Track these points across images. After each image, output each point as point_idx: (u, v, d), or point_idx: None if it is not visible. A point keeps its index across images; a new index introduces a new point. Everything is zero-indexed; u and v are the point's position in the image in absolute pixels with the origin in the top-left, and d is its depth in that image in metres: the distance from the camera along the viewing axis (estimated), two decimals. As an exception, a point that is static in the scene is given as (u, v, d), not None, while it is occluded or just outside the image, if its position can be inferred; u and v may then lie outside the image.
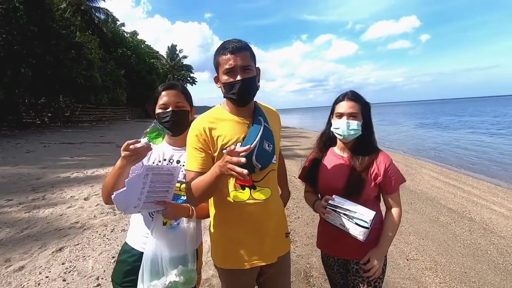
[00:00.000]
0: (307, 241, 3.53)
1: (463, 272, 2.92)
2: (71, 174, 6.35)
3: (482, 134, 17.41)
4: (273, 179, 1.34)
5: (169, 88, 1.39)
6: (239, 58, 1.18)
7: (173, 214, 1.26)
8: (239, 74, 1.19)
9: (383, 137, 17.56)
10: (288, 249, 1.41)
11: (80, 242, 3.34)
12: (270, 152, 1.27)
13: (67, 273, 2.73)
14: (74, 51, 16.70)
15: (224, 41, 1.24)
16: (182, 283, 1.22)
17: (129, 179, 1.12)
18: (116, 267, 1.38)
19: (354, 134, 1.43)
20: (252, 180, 1.26)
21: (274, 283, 1.38)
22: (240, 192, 1.26)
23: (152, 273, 1.19)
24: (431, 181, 6.69)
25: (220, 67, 1.22)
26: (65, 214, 4.14)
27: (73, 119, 19.64)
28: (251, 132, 1.25)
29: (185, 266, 1.25)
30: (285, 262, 1.41)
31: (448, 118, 33.78)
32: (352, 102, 1.44)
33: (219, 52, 1.22)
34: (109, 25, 27.79)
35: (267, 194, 1.28)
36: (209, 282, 2.66)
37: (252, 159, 1.20)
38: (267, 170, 1.28)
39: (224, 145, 1.22)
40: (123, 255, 1.37)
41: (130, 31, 36.20)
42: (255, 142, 1.21)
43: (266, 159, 1.25)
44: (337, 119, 1.46)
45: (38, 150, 9.08)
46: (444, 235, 3.76)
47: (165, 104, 1.36)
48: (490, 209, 4.82)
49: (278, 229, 1.35)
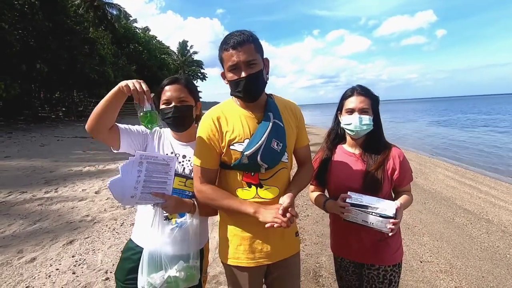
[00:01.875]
0: (316, 240, 3.46)
1: (480, 276, 2.79)
2: (83, 168, 6.46)
3: (498, 133, 16.82)
4: (283, 177, 1.27)
5: (172, 82, 1.33)
6: (241, 53, 1.11)
7: (174, 208, 1.21)
8: (243, 71, 1.13)
9: (395, 134, 17.20)
10: (297, 249, 1.34)
11: (90, 236, 3.38)
12: (279, 151, 1.21)
13: (76, 266, 2.76)
14: (88, 47, 16.98)
15: (227, 35, 1.17)
16: (182, 279, 1.18)
17: (123, 165, 1.09)
18: (120, 265, 1.36)
19: (367, 129, 1.38)
20: (258, 179, 1.22)
21: (282, 284, 1.32)
22: (246, 190, 1.22)
23: (150, 266, 1.16)
24: (446, 180, 6.48)
25: (224, 64, 1.17)
26: (76, 207, 4.20)
27: (86, 114, 20.06)
28: (258, 130, 1.19)
29: (187, 263, 1.21)
30: (295, 263, 1.34)
31: (462, 116, 32.83)
32: (362, 97, 1.39)
33: (222, 47, 1.16)
34: (121, 21, 28.10)
35: (275, 193, 1.22)
36: (216, 279, 2.63)
37: (257, 159, 1.15)
38: (276, 168, 1.23)
39: (232, 141, 1.18)
40: (127, 252, 1.35)
41: (142, 27, 36.49)
42: (260, 141, 1.16)
43: (274, 159, 1.20)
44: (347, 115, 1.41)
45: (52, 143, 9.30)
46: (460, 237, 3.62)
47: (168, 100, 1.31)
48: (509, 210, 4.61)
49: (283, 229, 1.20)
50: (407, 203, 1.38)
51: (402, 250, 1.46)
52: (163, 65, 34.72)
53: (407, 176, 1.41)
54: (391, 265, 1.39)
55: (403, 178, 1.40)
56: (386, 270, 1.39)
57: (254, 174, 1.21)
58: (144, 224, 1.33)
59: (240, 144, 1.18)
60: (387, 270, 1.39)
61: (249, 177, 1.21)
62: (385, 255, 1.39)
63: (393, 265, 1.39)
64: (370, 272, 1.40)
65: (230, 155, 1.19)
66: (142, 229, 1.34)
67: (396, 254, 1.41)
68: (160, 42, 40.84)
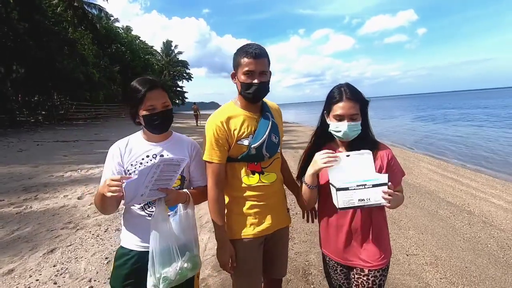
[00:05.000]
0: (305, 238, 3.47)
1: (463, 267, 2.87)
2: (64, 173, 6.23)
3: (477, 127, 17.47)
4: (278, 165, 1.58)
5: (153, 88, 1.33)
6: (259, 63, 1.36)
7: (175, 200, 1.30)
8: (257, 78, 1.37)
9: (380, 131, 17.55)
10: (289, 222, 1.66)
11: (73, 243, 3.25)
12: (276, 143, 1.51)
13: (58, 275, 2.65)
14: (67, 48, 16.42)
15: (246, 45, 1.40)
16: (189, 269, 1.26)
17: (142, 169, 1.15)
18: (114, 273, 1.36)
19: (355, 135, 1.34)
20: (261, 167, 1.48)
21: (275, 247, 1.60)
22: (251, 177, 1.47)
23: (164, 260, 1.20)
24: (429, 174, 6.66)
25: (240, 68, 1.39)
26: (57, 214, 4.04)
27: (67, 117, 19.38)
28: (261, 126, 1.46)
29: (191, 252, 1.28)
30: (286, 233, 1.67)
31: (443, 111, 33.90)
32: (352, 103, 1.31)
33: (241, 54, 1.38)
34: (103, 21, 27.33)
35: (273, 178, 1.52)
36: (205, 282, 2.59)
37: (262, 150, 1.44)
38: (273, 158, 1.52)
39: (240, 137, 1.42)
40: (120, 259, 1.35)
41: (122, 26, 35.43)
42: (265, 135, 1.43)
43: (274, 149, 1.49)
44: (336, 121, 1.34)
45: (31, 149, 8.93)
46: (443, 229, 3.72)
47: (153, 106, 1.32)
48: (489, 201, 4.79)
49: (280, 206, 1.59)
50: (400, 195, 1.32)
51: (390, 250, 1.44)
52: (148, 66, 34.06)
53: (397, 176, 1.36)
54: (380, 270, 1.36)
55: (392, 178, 1.30)
56: (376, 275, 1.35)
57: (257, 164, 1.48)
58: (134, 228, 1.37)
59: (246, 139, 1.42)
60: (377, 275, 1.35)
61: (253, 166, 1.47)
62: (374, 256, 1.35)
63: (382, 269, 1.36)
64: (360, 277, 1.37)
65: (237, 149, 1.43)
66: (132, 233, 1.36)
67: (385, 255, 1.38)
68: (143, 42, 39.97)
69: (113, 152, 1.38)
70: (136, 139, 1.43)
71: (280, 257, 1.65)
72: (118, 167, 1.35)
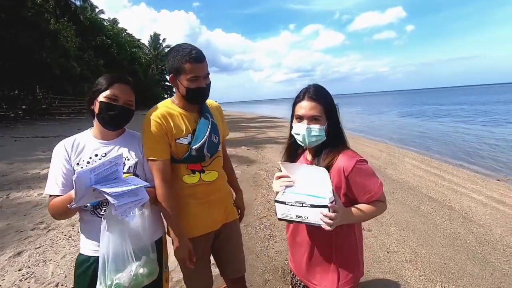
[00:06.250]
0: (285, 236, 3.40)
1: (442, 263, 2.87)
2: (41, 170, 5.97)
3: (462, 122, 17.84)
4: (219, 163, 1.58)
5: (124, 82, 1.29)
6: (203, 67, 1.35)
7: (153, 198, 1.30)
8: (203, 81, 1.36)
9: (367, 126, 17.70)
10: (236, 216, 1.68)
11: (42, 245, 3.09)
12: (217, 143, 1.50)
13: (23, 280, 2.50)
14: (49, 40, 15.78)
15: (184, 48, 1.32)
16: (145, 274, 1.18)
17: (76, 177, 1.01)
18: (77, 282, 1.28)
19: (316, 141, 1.20)
20: (201, 166, 1.47)
21: (226, 243, 1.62)
22: (191, 176, 1.45)
23: (117, 266, 1.13)
24: (413, 169, 6.71)
25: (184, 74, 1.32)
26: (29, 214, 3.85)
27: (50, 112, 18.72)
28: (201, 127, 1.43)
29: (148, 257, 1.22)
30: (235, 226, 1.68)
31: (430, 107, 34.50)
32: (313, 103, 1.17)
33: (182, 59, 1.30)
34: (87, 13, 26.44)
35: (214, 176, 1.52)
36: (180, 284, 2.49)
37: (203, 151, 1.42)
38: (214, 156, 1.51)
39: (178, 135, 1.38)
40: (80, 267, 1.27)
41: (108, 18, 34.40)
42: (205, 137, 1.41)
43: (214, 149, 1.49)
44: (297, 122, 1.22)
45: (8, 144, 8.55)
46: (424, 225, 3.73)
47: (116, 96, 1.25)
48: (469, 197, 4.85)
49: (224, 202, 1.60)
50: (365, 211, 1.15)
51: (361, 271, 1.27)
52: (134, 59, 33.30)
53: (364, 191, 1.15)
54: None
55: (358, 193, 1.15)
56: None
57: (197, 163, 1.46)
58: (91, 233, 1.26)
59: (185, 138, 1.39)
60: None
61: (193, 165, 1.45)
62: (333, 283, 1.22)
63: None
64: None
65: (177, 148, 1.39)
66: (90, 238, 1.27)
67: (346, 281, 1.21)
68: (130, 35, 38.98)
69: (58, 152, 1.26)
70: (84, 138, 1.33)
71: (234, 254, 1.64)
72: (67, 165, 1.24)
